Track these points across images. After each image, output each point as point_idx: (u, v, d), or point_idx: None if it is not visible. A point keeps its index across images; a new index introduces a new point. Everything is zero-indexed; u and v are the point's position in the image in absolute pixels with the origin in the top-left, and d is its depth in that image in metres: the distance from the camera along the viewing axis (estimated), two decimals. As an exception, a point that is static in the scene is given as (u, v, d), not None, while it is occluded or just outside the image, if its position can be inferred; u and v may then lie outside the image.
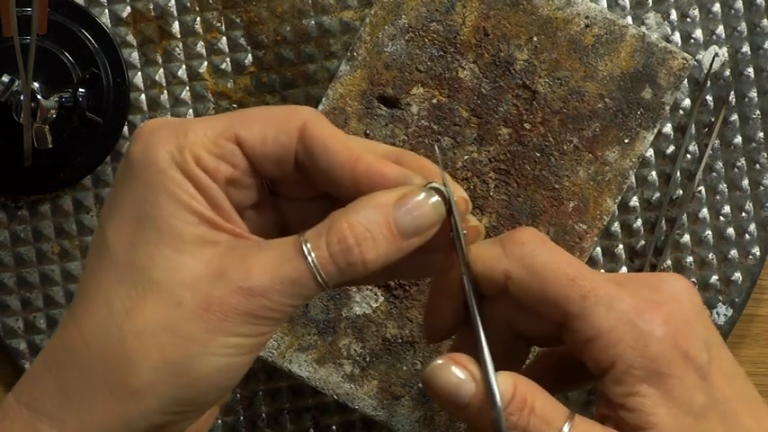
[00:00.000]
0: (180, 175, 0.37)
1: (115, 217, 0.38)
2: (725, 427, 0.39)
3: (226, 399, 0.57)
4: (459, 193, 0.40)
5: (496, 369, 0.39)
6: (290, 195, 0.42)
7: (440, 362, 0.40)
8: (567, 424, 0.39)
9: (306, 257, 0.36)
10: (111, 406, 0.36)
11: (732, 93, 0.61)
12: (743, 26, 0.61)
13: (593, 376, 0.41)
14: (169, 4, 0.60)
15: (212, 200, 0.38)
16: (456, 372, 0.39)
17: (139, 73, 0.60)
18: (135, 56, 0.60)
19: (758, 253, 0.61)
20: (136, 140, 0.38)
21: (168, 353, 0.36)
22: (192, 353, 0.36)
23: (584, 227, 0.57)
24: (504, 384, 0.39)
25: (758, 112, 0.61)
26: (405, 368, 0.57)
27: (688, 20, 0.61)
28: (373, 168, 0.38)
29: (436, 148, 0.44)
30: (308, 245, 0.37)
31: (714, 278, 0.61)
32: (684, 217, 0.61)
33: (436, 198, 0.38)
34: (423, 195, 0.38)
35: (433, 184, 0.38)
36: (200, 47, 0.60)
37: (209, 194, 0.38)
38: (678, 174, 0.61)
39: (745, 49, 0.61)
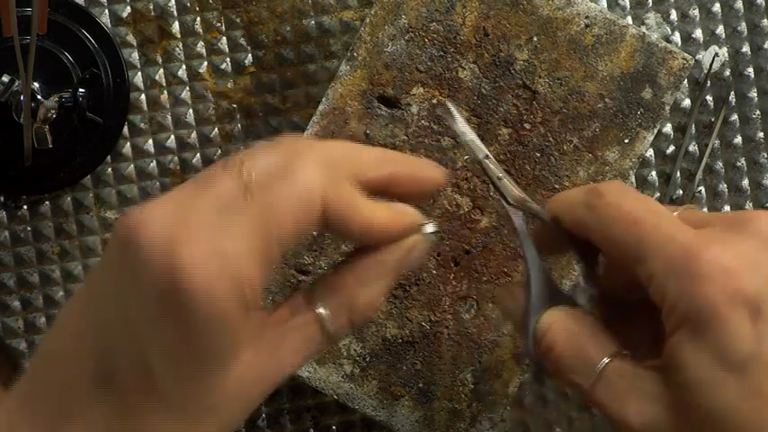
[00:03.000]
0: (242, 315, 0.36)
1: (165, 355, 0.35)
2: None
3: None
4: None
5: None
6: None
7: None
8: (601, 364, 0.40)
9: (327, 331, 0.39)
10: None
11: (732, 93, 0.61)
12: (743, 26, 0.61)
13: None
14: (169, 4, 0.60)
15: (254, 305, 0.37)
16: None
17: (139, 73, 0.60)
18: (135, 56, 0.60)
19: (758, 253, 0.61)
20: (188, 274, 0.34)
21: None
22: None
23: (584, 227, 0.57)
24: (542, 321, 0.42)
25: (758, 112, 0.61)
26: (405, 368, 0.57)
27: (688, 20, 0.61)
28: (384, 233, 0.40)
29: (447, 103, 0.46)
30: (328, 324, 0.38)
31: (714, 278, 0.61)
32: (684, 217, 0.61)
33: (428, 243, 0.41)
34: (420, 245, 0.40)
35: (428, 228, 0.41)
36: (200, 47, 0.60)
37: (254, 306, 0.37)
38: (678, 174, 0.61)
39: (745, 49, 0.61)
